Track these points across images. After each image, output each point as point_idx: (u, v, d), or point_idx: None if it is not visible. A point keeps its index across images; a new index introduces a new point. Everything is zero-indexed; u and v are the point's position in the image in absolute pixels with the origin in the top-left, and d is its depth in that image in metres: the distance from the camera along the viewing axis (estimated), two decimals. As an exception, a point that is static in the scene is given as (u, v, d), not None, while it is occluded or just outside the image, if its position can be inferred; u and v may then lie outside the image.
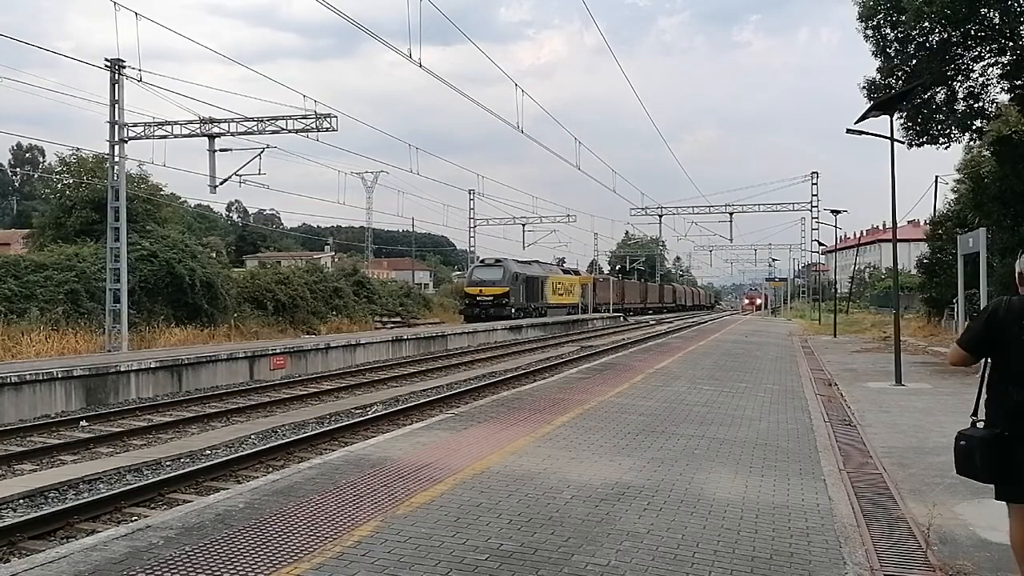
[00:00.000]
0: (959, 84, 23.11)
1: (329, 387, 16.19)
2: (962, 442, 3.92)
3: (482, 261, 44.45)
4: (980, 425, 3.89)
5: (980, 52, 22.28)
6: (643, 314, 69.02)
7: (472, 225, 54.97)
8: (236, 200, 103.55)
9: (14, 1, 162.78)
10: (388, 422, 11.64)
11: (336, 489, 5.70)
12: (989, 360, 3.93)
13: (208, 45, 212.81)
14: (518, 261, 44.66)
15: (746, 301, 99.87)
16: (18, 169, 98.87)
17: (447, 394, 14.70)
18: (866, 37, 22.90)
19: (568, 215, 56.99)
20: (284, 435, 10.94)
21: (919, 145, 23.80)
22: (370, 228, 66.51)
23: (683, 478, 6.26)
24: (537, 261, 49.44)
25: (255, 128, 22.74)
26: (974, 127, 23.50)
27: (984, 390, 3.92)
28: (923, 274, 34.10)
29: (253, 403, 13.80)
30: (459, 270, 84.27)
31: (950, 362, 4.37)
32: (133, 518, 6.74)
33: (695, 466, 6.71)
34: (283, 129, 22.70)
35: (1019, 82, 21.92)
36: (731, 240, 58.58)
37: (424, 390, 15.82)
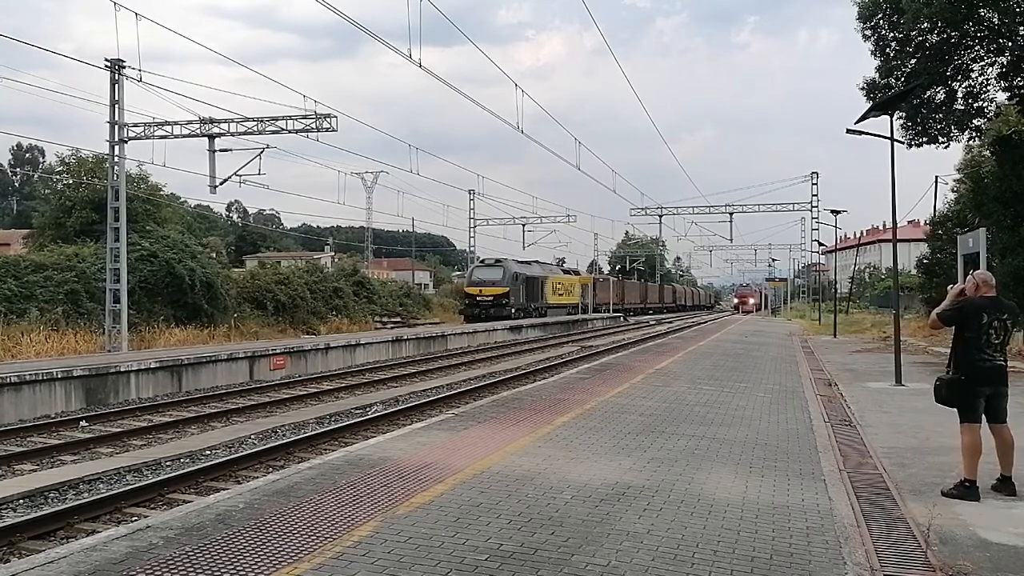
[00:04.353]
0: (958, 84, 23.11)
1: (329, 387, 16.18)
2: (937, 383, 6.34)
3: (482, 261, 44.44)
4: (951, 374, 6.22)
5: (979, 52, 22.29)
6: (643, 314, 69.04)
7: (472, 225, 54.96)
8: (236, 200, 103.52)
9: (16, 3, 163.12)
10: (388, 422, 11.65)
11: (336, 489, 5.70)
12: (959, 335, 6.19)
13: (208, 46, 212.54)
14: (518, 261, 44.65)
15: (736, 300, 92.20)
16: (18, 169, 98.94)
17: (447, 394, 14.69)
18: (865, 37, 22.91)
19: (568, 215, 57.03)
20: (284, 435, 10.94)
21: (918, 145, 23.80)
22: (370, 228, 66.50)
23: (683, 478, 6.26)
24: (537, 261, 49.43)
25: (255, 128, 22.76)
26: (973, 126, 23.52)
27: (954, 354, 6.25)
28: (923, 274, 34.11)
29: (253, 403, 13.80)
30: (459, 270, 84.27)
31: (930, 325, 6.81)
32: (133, 518, 6.74)
33: (695, 466, 6.72)
34: (283, 129, 22.72)
35: (1017, 82, 21.94)
36: (731, 240, 58.67)
37: (424, 390, 15.82)
